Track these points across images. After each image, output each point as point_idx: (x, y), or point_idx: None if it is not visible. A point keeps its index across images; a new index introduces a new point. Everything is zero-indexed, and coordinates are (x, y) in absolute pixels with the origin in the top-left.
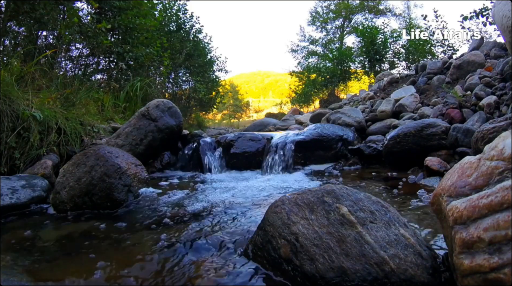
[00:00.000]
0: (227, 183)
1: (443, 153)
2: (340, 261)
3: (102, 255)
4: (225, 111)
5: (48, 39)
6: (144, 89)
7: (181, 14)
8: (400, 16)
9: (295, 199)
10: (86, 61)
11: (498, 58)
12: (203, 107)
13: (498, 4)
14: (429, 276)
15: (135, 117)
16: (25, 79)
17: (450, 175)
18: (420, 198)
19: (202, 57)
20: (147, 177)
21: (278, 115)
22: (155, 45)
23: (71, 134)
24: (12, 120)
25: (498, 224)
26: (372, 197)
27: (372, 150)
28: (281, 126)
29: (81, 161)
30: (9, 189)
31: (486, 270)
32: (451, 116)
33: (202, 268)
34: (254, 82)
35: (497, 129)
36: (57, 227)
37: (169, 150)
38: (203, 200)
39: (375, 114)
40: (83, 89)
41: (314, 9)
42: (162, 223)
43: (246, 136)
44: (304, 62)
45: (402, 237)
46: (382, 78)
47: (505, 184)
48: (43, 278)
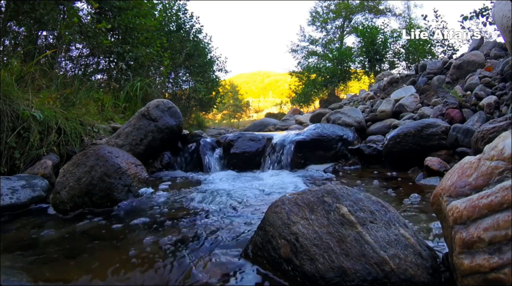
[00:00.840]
0: (227, 183)
1: (443, 153)
2: (340, 261)
3: (102, 255)
4: (225, 111)
5: (48, 39)
6: (144, 89)
7: (181, 14)
8: (400, 16)
9: (295, 199)
10: (86, 61)
11: (498, 58)
12: (203, 107)
13: (498, 4)
14: (429, 276)
15: (135, 117)
16: (25, 79)
17: (450, 175)
18: (420, 198)
19: (202, 57)
20: (147, 177)
21: (278, 115)
22: (155, 45)
23: (71, 134)
24: (12, 120)
25: (498, 224)
26: (372, 197)
27: (372, 150)
28: (281, 126)
29: (81, 161)
30: (9, 189)
31: (486, 270)
32: (451, 116)
33: (202, 268)
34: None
35: (497, 129)
36: (57, 227)
37: (169, 150)
38: (203, 200)
39: (375, 114)
40: (83, 89)
41: (314, 9)
42: (162, 223)
43: (246, 136)
44: (304, 62)
45: (402, 237)
46: (382, 78)
47: (505, 184)
48: (43, 278)
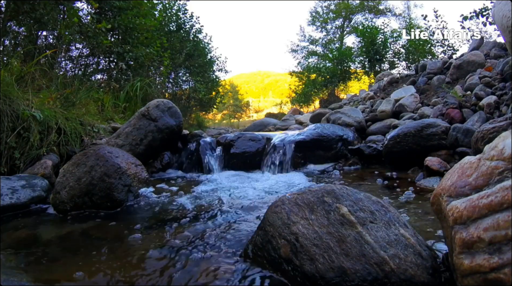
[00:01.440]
0: (227, 183)
1: (443, 153)
2: (340, 261)
3: (102, 255)
4: (225, 111)
5: (48, 39)
6: (144, 89)
7: (181, 14)
8: (400, 16)
9: (295, 199)
10: (86, 61)
11: (498, 58)
12: (203, 107)
13: (498, 4)
14: (429, 276)
15: (135, 117)
16: (25, 79)
17: (450, 175)
18: (420, 198)
19: (202, 57)
20: (147, 177)
21: (278, 115)
22: (155, 45)
23: (71, 134)
24: (12, 120)
25: (498, 224)
26: (372, 197)
27: (372, 150)
28: (281, 126)
29: (81, 161)
30: (9, 189)
31: (486, 270)
32: (451, 116)
33: (202, 268)
34: (254, 82)
35: (497, 129)
36: (57, 227)
37: (169, 150)
38: (203, 200)
39: (375, 114)
40: (83, 89)
41: (314, 9)
42: (161, 223)
43: (246, 136)
44: (304, 62)
45: (402, 237)
46: (382, 78)
47: (505, 184)
48: (43, 278)
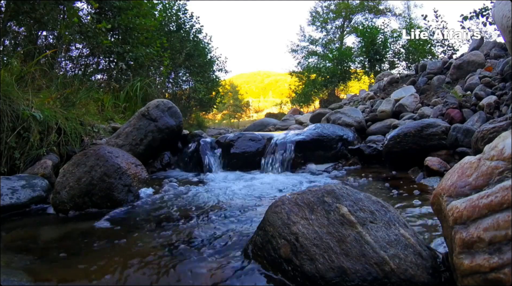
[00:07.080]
0: (227, 183)
1: (443, 153)
2: (340, 261)
3: (101, 255)
4: (225, 111)
5: (48, 39)
6: (144, 89)
7: (181, 14)
8: (400, 16)
9: (295, 199)
10: (86, 61)
11: (498, 58)
12: (203, 107)
13: (498, 4)
14: (429, 276)
15: (135, 117)
16: (25, 79)
17: (450, 175)
18: (420, 198)
19: (202, 57)
20: (147, 177)
21: (278, 115)
22: (155, 45)
23: (71, 134)
24: (12, 120)
25: (498, 224)
26: (372, 197)
27: (372, 150)
28: (281, 126)
29: (81, 161)
30: (9, 189)
31: (486, 270)
32: (451, 116)
33: (202, 268)
34: (254, 82)
35: (497, 129)
36: (57, 227)
37: (169, 150)
38: (202, 200)
39: (375, 114)
40: (83, 89)
41: (314, 9)
42: (161, 223)
43: (246, 136)
44: (304, 62)
45: (402, 237)
46: (382, 78)
47: (505, 184)
48: (43, 278)
